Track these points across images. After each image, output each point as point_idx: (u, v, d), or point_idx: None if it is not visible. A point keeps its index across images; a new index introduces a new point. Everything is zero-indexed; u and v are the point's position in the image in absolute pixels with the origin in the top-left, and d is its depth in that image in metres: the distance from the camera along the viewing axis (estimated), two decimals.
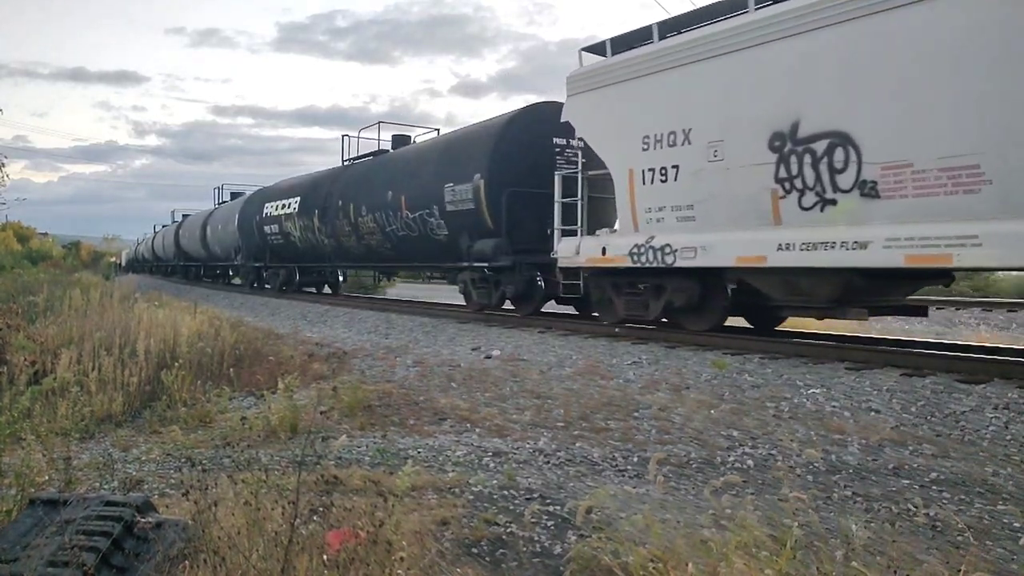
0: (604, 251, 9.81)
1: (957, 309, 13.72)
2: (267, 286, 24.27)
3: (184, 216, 40.15)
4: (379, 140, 18.27)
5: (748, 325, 10.07)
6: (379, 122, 18.31)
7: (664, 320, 9.84)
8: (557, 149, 12.06)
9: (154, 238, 49.29)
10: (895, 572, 2.45)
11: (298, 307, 17.59)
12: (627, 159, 9.31)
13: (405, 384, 7.64)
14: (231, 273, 31.07)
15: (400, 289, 29.13)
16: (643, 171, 9.09)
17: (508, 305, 12.87)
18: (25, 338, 8.39)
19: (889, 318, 13.02)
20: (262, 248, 23.24)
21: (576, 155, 11.25)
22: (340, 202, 17.16)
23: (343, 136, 19.15)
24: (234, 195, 31.65)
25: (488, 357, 8.95)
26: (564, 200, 10.74)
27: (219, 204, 32.58)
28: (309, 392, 7.00)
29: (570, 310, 12.90)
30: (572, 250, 10.34)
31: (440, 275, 17.67)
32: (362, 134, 18.99)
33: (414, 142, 17.36)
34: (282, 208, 21.09)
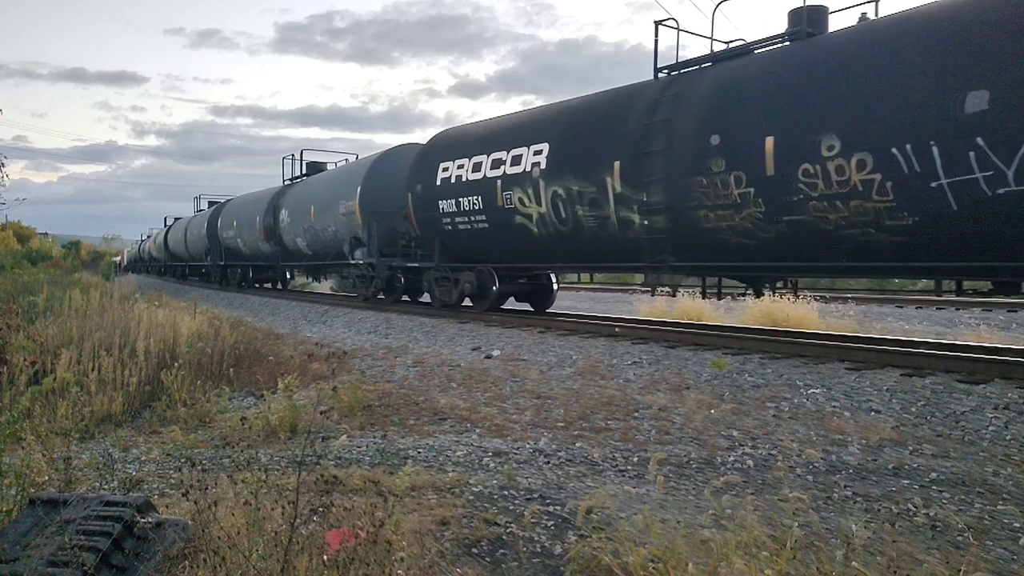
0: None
1: (957, 309, 13.72)
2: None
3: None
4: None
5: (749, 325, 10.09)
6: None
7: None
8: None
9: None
10: (895, 572, 2.45)
11: (298, 307, 17.59)
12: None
13: (405, 384, 7.64)
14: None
15: None
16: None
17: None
18: (25, 338, 8.38)
19: (889, 318, 13.03)
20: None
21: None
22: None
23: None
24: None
25: (488, 357, 8.95)
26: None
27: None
28: (309, 392, 7.00)
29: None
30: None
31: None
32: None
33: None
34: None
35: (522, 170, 10.86)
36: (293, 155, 23.05)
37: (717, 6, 9.55)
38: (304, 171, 22.42)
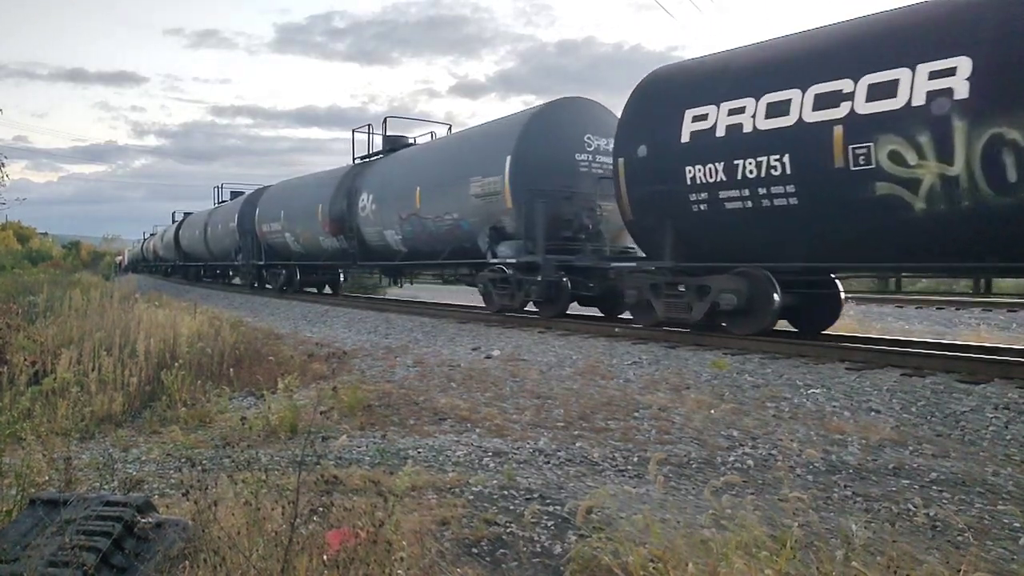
0: None
1: (957, 309, 13.72)
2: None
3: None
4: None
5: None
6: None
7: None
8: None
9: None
10: (895, 572, 2.45)
11: (298, 307, 17.59)
12: None
13: (405, 384, 7.63)
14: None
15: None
16: None
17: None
18: (25, 338, 8.39)
19: (889, 318, 13.03)
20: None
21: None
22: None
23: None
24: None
25: (488, 357, 8.95)
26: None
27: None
28: (309, 392, 7.00)
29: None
30: None
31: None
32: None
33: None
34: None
35: (902, 104, 6.72)
36: (370, 126, 17.97)
37: None
38: (383, 147, 17.54)
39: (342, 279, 21.90)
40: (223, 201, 31.26)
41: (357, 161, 18.44)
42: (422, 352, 9.65)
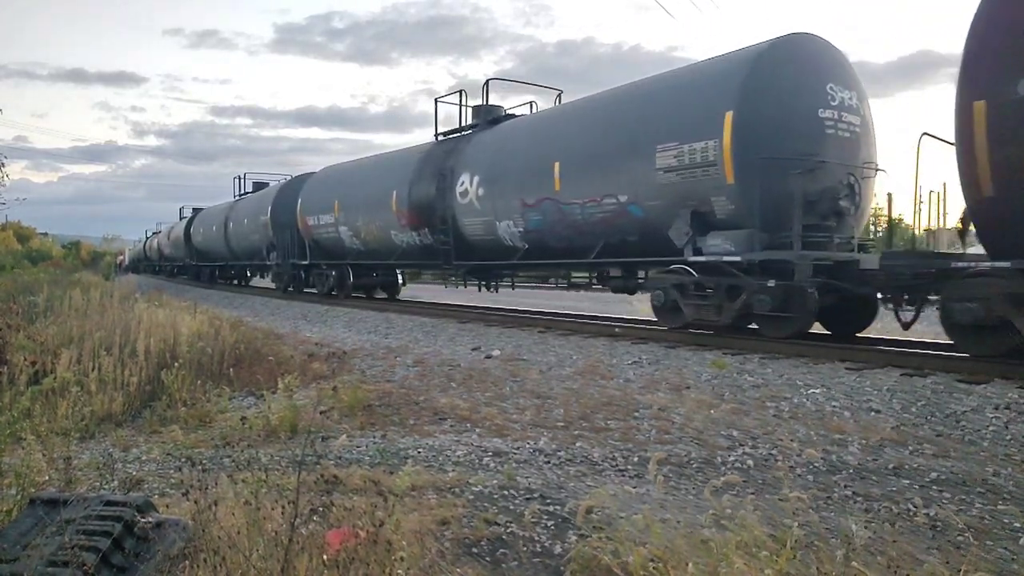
0: None
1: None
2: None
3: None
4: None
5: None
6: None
7: None
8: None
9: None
10: (895, 572, 2.45)
11: (298, 307, 17.59)
12: None
13: (405, 384, 7.63)
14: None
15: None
16: None
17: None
18: (25, 338, 8.38)
19: (889, 317, 13.00)
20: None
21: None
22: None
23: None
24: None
25: (488, 357, 8.95)
26: None
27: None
28: (309, 392, 7.00)
29: None
30: None
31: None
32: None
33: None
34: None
35: None
36: (462, 92, 14.21)
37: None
38: (478, 118, 13.87)
39: (400, 281, 19.03)
40: (245, 193, 27.33)
41: (441, 138, 14.79)
42: (422, 352, 9.65)
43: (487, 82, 13.92)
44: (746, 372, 7.15)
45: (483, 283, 14.74)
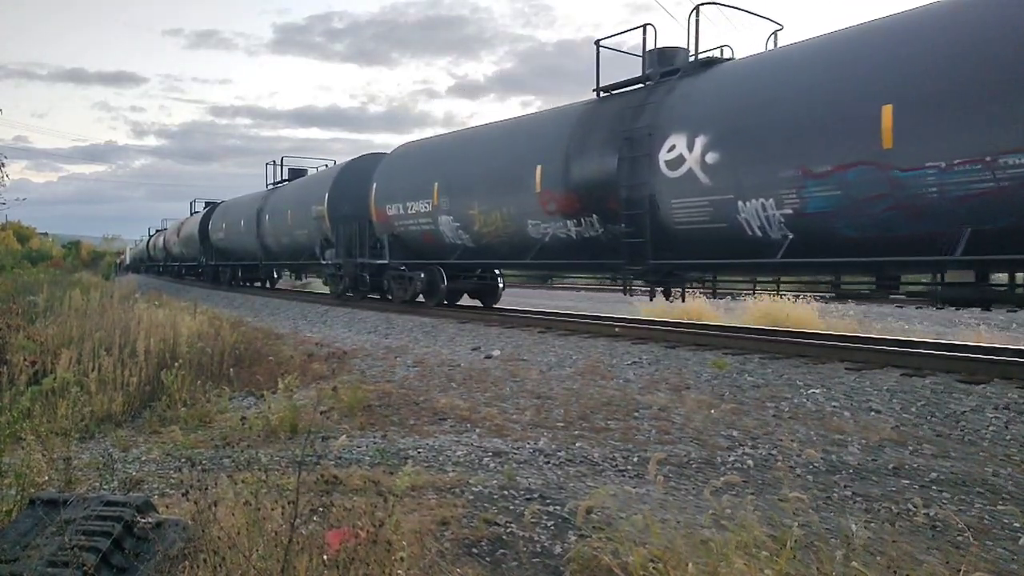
0: None
1: (957, 309, 13.72)
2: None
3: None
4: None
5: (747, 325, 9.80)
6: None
7: None
8: None
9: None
10: (895, 572, 2.45)
11: (298, 307, 17.60)
12: None
13: (405, 384, 7.63)
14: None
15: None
16: None
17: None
18: (25, 338, 8.38)
19: (889, 318, 13.02)
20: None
21: None
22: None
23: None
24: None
25: (488, 357, 8.95)
26: None
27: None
28: (309, 392, 7.00)
29: None
30: None
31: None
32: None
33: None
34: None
35: None
36: (653, 25, 10.15)
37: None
38: (651, 66, 9.91)
39: (500, 284, 15.06)
40: (281, 181, 23.21)
41: (609, 94, 10.86)
42: (422, 352, 9.65)
43: (697, 7, 9.74)
44: (746, 372, 7.15)
45: (674, 288, 10.73)
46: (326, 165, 21.18)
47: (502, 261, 13.14)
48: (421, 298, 14.73)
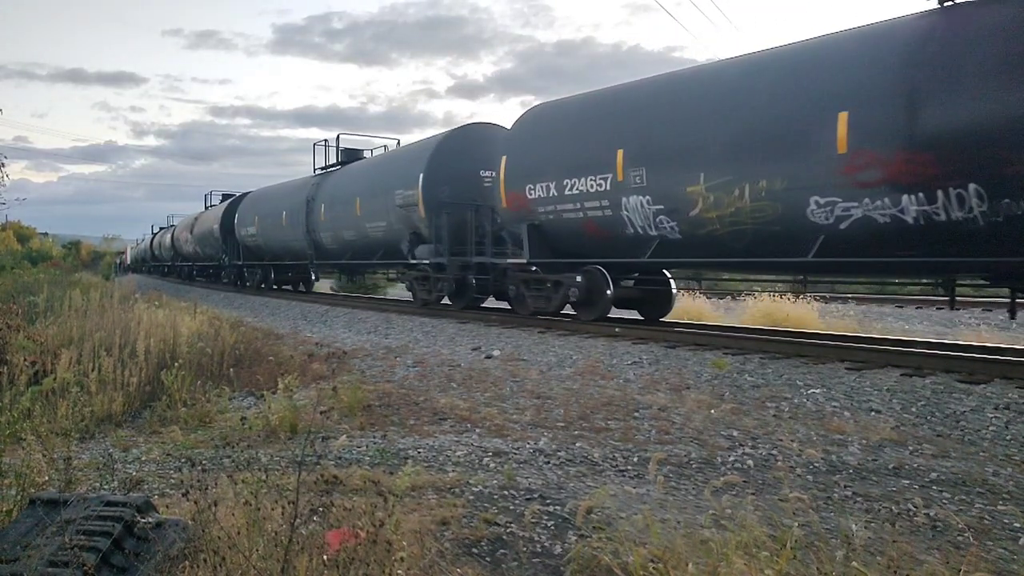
0: None
1: (957, 309, 13.72)
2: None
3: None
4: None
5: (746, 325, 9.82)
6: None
7: None
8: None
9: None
10: (895, 572, 2.45)
11: (298, 307, 17.59)
12: None
13: (405, 384, 7.63)
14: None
15: None
16: None
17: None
18: (25, 338, 8.38)
19: (889, 318, 13.02)
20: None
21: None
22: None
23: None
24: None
25: (488, 357, 8.95)
26: None
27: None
28: (309, 392, 7.00)
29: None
30: None
31: None
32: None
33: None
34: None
35: None
36: None
37: None
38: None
39: (674, 291, 11.62)
40: (333, 165, 19.53)
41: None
42: (422, 352, 9.65)
43: None
44: (746, 372, 7.15)
45: None
46: (384, 148, 18.35)
47: (738, 261, 9.11)
48: (568, 308, 11.35)
